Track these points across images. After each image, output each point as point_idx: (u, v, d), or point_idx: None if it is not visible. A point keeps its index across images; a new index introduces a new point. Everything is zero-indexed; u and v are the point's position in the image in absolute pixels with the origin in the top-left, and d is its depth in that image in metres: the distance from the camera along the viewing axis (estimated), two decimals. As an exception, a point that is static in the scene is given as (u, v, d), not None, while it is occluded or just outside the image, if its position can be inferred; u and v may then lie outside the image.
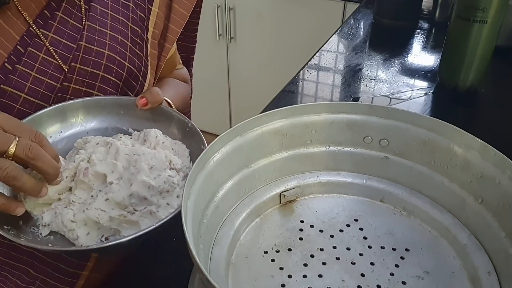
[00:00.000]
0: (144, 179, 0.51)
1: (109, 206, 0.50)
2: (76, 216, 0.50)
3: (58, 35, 0.60)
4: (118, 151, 0.54)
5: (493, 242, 0.44)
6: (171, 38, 0.73)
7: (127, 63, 0.65)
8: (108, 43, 0.63)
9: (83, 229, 0.50)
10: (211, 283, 0.32)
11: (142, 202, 0.51)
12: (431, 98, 0.91)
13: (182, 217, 0.38)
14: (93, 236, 0.50)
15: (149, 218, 0.50)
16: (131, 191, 0.51)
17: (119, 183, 0.51)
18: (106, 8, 0.65)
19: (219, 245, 0.45)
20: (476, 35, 0.81)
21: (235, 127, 0.47)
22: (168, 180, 0.52)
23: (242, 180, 0.50)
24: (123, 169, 0.53)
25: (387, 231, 0.48)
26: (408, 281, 0.43)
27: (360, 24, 1.25)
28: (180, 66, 0.87)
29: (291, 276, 0.43)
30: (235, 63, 2.09)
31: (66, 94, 0.61)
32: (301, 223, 0.49)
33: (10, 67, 0.57)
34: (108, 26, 0.64)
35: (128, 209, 0.50)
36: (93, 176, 0.53)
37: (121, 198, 0.50)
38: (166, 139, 0.59)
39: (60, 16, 0.61)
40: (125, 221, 0.50)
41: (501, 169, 0.43)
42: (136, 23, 0.68)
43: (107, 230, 0.51)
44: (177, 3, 0.73)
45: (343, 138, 0.52)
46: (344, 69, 1.03)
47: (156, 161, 0.53)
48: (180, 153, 0.58)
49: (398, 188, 0.51)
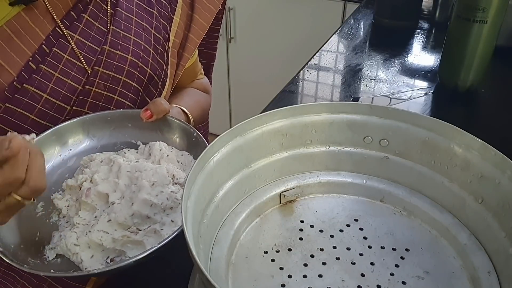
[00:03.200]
0: (145, 197, 0.50)
1: (112, 227, 0.50)
2: (79, 239, 0.49)
3: (83, 37, 0.60)
4: (120, 169, 0.54)
5: (493, 242, 0.44)
6: (190, 48, 0.73)
7: (149, 69, 0.65)
8: (132, 48, 0.64)
9: (87, 252, 0.49)
10: (211, 283, 0.32)
11: (145, 221, 0.50)
12: (431, 98, 0.91)
13: (182, 217, 0.38)
14: (98, 258, 0.49)
15: (154, 237, 0.49)
16: (133, 210, 0.50)
17: (121, 202, 0.51)
18: (131, 14, 0.65)
19: (219, 245, 0.45)
20: (476, 35, 0.81)
21: (235, 127, 0.47)
22: (171, 196, 0.51)
23: (242, 180, 0.50)
24: (125, 187, 0.52)
25: (387, 231, 0.48)
26: (408, 281, 0.43)
27: (360, 24, 1.25)
28: (201, 76, 0.86)
29: (291, 276, 0.43)
30: (235, 63, 2.09)
31: (88, 97, 0.61)
32: (301, 223, 0.49)
33: (34, 66, 0.56)
34: (132, 31, 0.64)
35: (131, 229, 0.50)
36: (96, 196, 0.52)
37: (123, 219, 0.49)
38: (171, 151, 0.59)
39: (86, 18, 0.60)
40: (129, 241, 0.49)
41: (501, 169, 0.43)
42: (159, 31, 0.68)
43: (111, 251, 0.50)
44: (198, 14, 0.73)
45: (343, 138, 0.52)
46: (344, 69, 1.03)
47: (158, 177, 0.53)
48: (186, 164, 0.58)
49: (398, 188, 0.51)
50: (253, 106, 1.09)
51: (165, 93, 0.71)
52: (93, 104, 0.62)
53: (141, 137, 0.63)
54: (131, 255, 0.48)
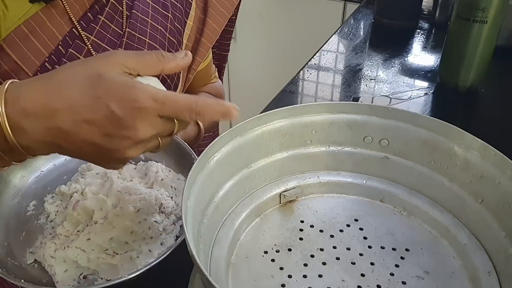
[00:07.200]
0: (127, 223, 0.50)
1: (90, 246, 0.50)
2: (56, 252, 0.50)
3: (99, 38, 0.60)
4: (112, 186, 0.54)
5: (493, 242, 0.44)
6: (202, 52, 0.72)
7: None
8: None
9: (61, 266, 0.49)
10: (211, 283, 0.32)
11: (122, 246, 0.50)
12: (431, 98, 0.91)
13: (182, 217, 0.38)
14: (71, 273, 0.49)
15: (129, 263, 0.49)
16: (112, 234, 0.50)
17: (104, 223, 0.51)
18: (146, 17, 0.65)
19: (219, 245, 0.45)
20: (476, 35, 0.81)
21: (235, 127, 0.47)
22: (152, 226, 0.51)
23: (242, 180, 0.50)
24: (112, 207, 0.53)
25: (387, 231, 0.48)
26: (408, 281, 0.43)
27: (360, 24, 1.25)
28: (215, 80, 0.85)
29: (291, 276, 0.43)
30: (235, 63, 2.09)
31: None
32: (301, 223, 0.49)
33: (50, 67, 0.56)
34: (147, 34, 0.64)
35: (108, 252, 0.50)
36: (83, 210, 0.53)
37: (101, 241, 0.50)
38: (168, 174, 0.58)
39: (103, 20, 0.60)
40: (104, 263, 0.50)
41: (501, 169, 0.43)
42: (173, 34, 0.68)
43: (85, 269, 0.50)
44: (211, 18, 0.72)
45: (343, 138, 0.52)
46: (344, 69, 1.03)
47: (144, 204, 0.52)
48: (179, 190, 0.57)
49: (398, 188, 0.51)
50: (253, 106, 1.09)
51: None
52: None
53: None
54: (104, 276, 0.49)
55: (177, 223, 0.53)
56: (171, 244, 0.50)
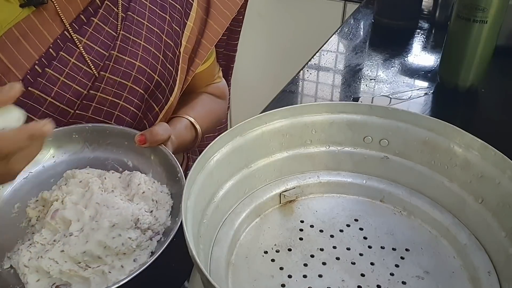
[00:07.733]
0: (100, 239, 0.50)
1: (63, 258, 0.50)
2: (30, 261, 0.50)
3: (92, 41, 0.60)
4: (91, 197, 0.54)
5: (493, 242, 0.44)
6: (202, 54, 0.71)
7: (157, 76, 0.64)
8: (141, 54, 0.63)
9: (34, 275, 0.49)
10: (211, 283, 0.32)
11: (95, 260, 0.50)
12: (431, 98, 0.91)
13: (182, 217, 0.38)
14: (43, 283, 0.49)
15: (101, 278, 0.49)
16: (86, 248, 0.50)
17: (79, 236, 0.51)
18: (142, 19, 0.64)
19: (219, 245, 0.45)
20: (476, 35, 0.81)
21: (235, 127, 0.47)
22: (126, 242, 0.50)
23: (242, 180, 0.50)
24: (89, 219, 0.52)
25: (387, 231, 0.48)
26: (408, 281, 0.43)
27: (360, 24, 1.25)
28: (218, 80, 0.84)
29: (291, 276, 0.43)
30: (235, 63, 2.09)
31: (92, 102, 0.61)
32: (301, 223, 0.49)
33: (40, 70, 0.56)
34: (142, 37, 0.63)
35: (81, 264, 0.50)
36: (61, 220, 0.52)
37: (74, 254, 0.49)
38: (151, 186, 0.57)
39: (96, 22, 0.60)
40: (76, 275, 0.50)
41: (501, 169, 0.43)
42: (170, 37, 0.67)
43: (58, 280, 0.50)
44: (212, 19, 0.71)
45: (343, 138, 0.52)
46: (344, 69, 1.03)
47: (120, 219, 0.52)
48: (161, 204, 0.56)
49: (398, 188, 0.51)
50: (253, 106, 1.09)
51: (172, 99, 0.70)
52: (97, 109, 0.62)
53: (133, 158, 0.62)
54: None
55: (154, 239, 0.53)
56: (144, 261, 0.50)
